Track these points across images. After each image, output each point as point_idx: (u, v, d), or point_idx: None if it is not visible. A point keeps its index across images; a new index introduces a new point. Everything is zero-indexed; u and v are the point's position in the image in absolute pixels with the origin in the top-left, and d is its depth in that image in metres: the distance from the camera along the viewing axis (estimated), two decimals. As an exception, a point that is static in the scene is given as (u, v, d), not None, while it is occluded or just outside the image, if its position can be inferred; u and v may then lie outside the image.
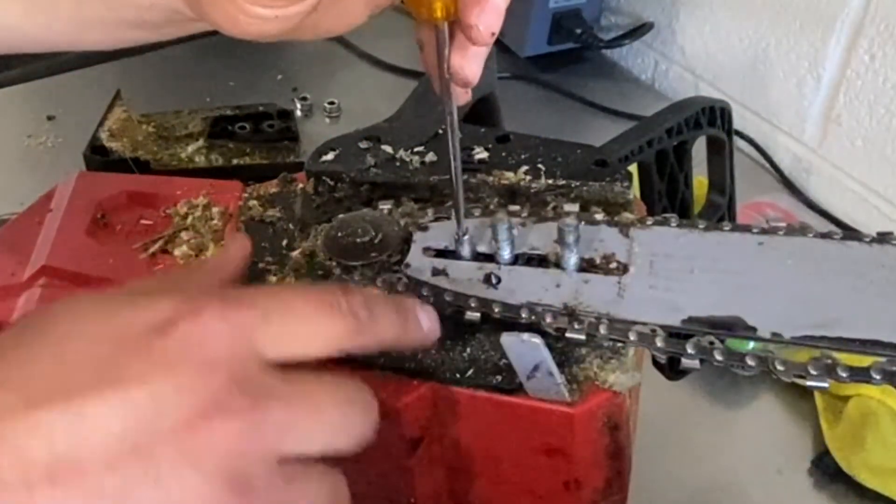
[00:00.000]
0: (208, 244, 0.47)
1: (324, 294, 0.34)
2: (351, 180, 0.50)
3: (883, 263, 0.38)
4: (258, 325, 0.32)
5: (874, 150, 0.83)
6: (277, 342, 0.32)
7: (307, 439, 0.32)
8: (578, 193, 0.48)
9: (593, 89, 1.01)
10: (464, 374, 0.40)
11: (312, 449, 0.32)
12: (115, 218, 0.50)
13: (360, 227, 0.46)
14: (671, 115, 0.56)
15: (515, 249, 0.43)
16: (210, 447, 0.30)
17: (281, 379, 0.32)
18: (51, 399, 0.29)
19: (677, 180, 0.58)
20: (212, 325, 0.31)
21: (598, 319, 0.39)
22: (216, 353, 0.31)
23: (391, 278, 0.43)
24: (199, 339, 0.31)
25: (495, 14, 0.36)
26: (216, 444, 0.30)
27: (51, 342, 0.32)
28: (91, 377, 0.30)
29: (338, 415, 0.33)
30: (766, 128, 0.93)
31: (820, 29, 0.84)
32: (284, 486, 0.31)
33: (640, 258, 0.41)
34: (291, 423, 0.31)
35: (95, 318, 0.32)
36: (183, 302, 0.32)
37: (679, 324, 0.38)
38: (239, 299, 0.33)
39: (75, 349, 0.31)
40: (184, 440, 0.29)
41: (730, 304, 0.38)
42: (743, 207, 0.78)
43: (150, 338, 0.31)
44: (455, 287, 0.42)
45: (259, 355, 0.32)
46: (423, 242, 0.45)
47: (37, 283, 0.47)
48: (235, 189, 0.51)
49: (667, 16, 1.03)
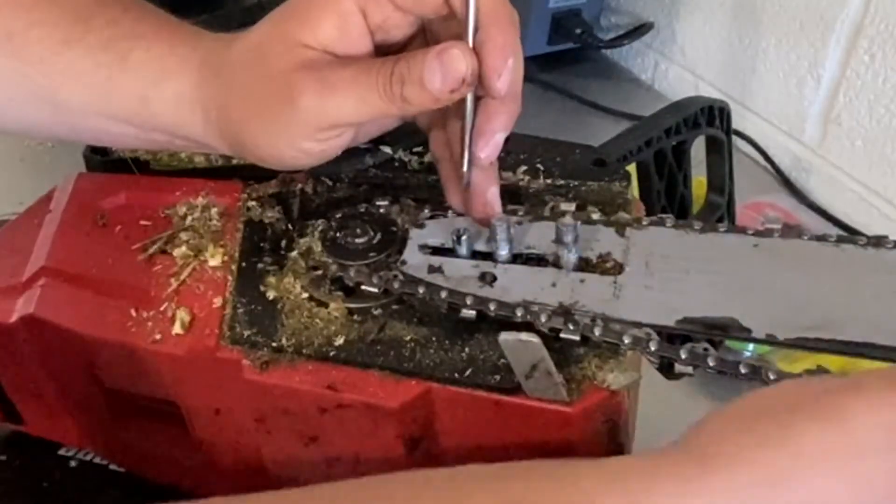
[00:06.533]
0: (207, 245, 0.47)
1: None
2: (350, 180, 0.50)
3: (878, 267, 0.38)
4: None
5: (874, 150, 0.82)
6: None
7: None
8: (577, 193, 0.48)
9: (593, 89, 1.01)
10: (462, 373, 0.40)
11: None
12: (114, 219, 0.50)
13: (358, 226, 0.46)
14: (670, 115, 0.56)
15: (513, 249, 0.43)
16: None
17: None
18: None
19: (676, 180, 0.58)
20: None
21: (594, 319, 0.39)
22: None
23: (387, 276, 0.43)
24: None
25: (496, 148, 0.42)
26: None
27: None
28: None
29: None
30: (766, 128, 0.93)
31: (820, 29, 0.84)
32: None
33: (636, 258, 0.41)
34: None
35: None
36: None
37: (674, 324, 0.38)
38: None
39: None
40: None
41: (725, 306, 0.38)
42: (743, 207, 0.78)
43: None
44: (450, 285, 0.42)
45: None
46: (419, 240, 0.45)
47: (36, 284, 0.47)
48: (235, 189, 0.51)
49: (667, 16, 1.03)
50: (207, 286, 0.46)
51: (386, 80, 0.39)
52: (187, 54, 0.43)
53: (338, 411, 0.41)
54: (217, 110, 0.43)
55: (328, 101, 0.40)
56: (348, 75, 0.40)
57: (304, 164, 0.45)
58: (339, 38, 0.40)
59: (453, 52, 0.38)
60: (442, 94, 0.39)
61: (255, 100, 0.41)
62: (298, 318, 0.43)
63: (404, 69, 0.39)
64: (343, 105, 0.40)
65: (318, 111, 0.40)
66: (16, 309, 0.47)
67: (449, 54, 0.38)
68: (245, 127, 0.42)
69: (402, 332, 0.42)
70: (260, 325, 0.43)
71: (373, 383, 0.41)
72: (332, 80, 0.40)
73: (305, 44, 0.40)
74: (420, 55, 0.39)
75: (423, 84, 0.39)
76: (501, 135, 0.42)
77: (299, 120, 0.40)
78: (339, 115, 0.40)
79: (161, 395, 0.47)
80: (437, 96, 0.39)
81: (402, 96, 0.39)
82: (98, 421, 0.52)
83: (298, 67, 0.40)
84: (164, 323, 0.44)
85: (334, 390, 0.41)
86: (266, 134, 0.42)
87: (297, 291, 0.44)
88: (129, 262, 0.47)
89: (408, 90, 0.39)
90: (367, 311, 0.44)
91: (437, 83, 0.39)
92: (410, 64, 0.39)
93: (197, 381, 0.45)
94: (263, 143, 0.42)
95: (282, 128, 0.41)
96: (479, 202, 0.44)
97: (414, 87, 0.39)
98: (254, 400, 0.43)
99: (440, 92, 0.39)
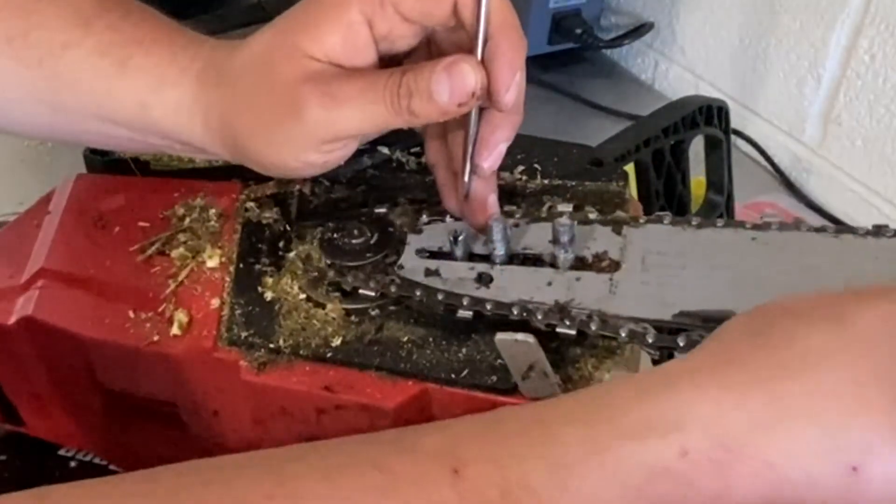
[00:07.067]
0: (205, 246, 0.47)
1: None
2: (348, 181, 0.51)
3: (877, 256, 0.38)
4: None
5: (874, 150, 0.82)
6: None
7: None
8: (574, 193, 0.48)
9: (593, 89, 1.01)
10: (459, 374, 0.40)
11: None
12: (112, 220, 0.50)
13: (355, 228, 0.46)
14: (668, 115, 0.56)
15: (510, 250, 0.43)
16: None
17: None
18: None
19: (674, 180, 0.58)
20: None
21: (590, 316, 0.39)
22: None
23: (384, 279, 0.43)
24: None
25: (498, 158, 0.43)
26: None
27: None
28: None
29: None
30: (766, 127, 0.93)
31: (820, 29, 0.84)
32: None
33: (632, 255, 0.41)
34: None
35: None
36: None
37: (670, 318, 0.38)
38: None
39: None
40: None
41: (722, 299, 0.38)
42: (742, 207, 0.78)
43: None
44: (447, 287, 0.42)
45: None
46: (417, 244, 0.45)
47: (34, 286, 0.47)
48: (233, 190, 0.51)
49: (667, 16, 1.02)
50: (205, 287, 0.46)
51: (393, 93, 0.39)
52: (187, 62, 0.43)
53: (335, 412, 0.41)
54: (218, 118, 0.43)
55: (334, 113, 0.39)
56: (355, 88, 0.39)
57: (307, 174, 0.45)
58: (345, 49, 0.40)
59: (463, 65, 0.38)
60: (450, 108, 0.39)
61: (259, 110, 0.41)
62: (296, 319, 0.43)
63: (411, 82, 0.38)
64: (349, 118, 0.39)
65: (324, 124, 0.40)
66: (14, 310, 0.47)
67: (458, 67, 0.38)
68: (248, 136, 0.42)
69: (399, 333, 0.42)
70: (257, 326, 0.43)
71: (370, 384, 0.41)
72: (338, 93, 0.39)
73: (311, 55, 0.40)
74: (427, 68, 0.39)
75: (430, 97, 0.38)
76: (504, 145, 0.42)
77: (304, 132, 0.40)
78: (345, 127, 0.40)
79: (159, 395, 0.47)
80: (444, 109, 0.39)
81: (409, 109, 0.39)
82: (97, 422, 0.52)
83: (304, 79, 0.39)
84: (161, 324, 0.45)
85: (331, 391, 0.41)
86: (270, 144, 0.42)
87: (295, 292, 0.45)
88: (127, 263, 0.48)
89: (415, 103, 0.39)
90: (365, 311, 0.44)
91: (444, 96, 0.38)
92: (418, 77, 0.38)
93: (195, 382, 0.45)
94: (266, 153, 0.42)
95: (286, 139, 0.41)
96: (478, 209, 0.44)
97: (421, 100, 0.38)
98: (251, 401, 0.43)
99: (448, 105, 0.39)
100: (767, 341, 0.31)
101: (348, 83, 0.39)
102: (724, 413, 0.29)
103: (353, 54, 0.40)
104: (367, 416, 0.41)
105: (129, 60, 0.43)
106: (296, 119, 0.40)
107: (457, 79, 0.38)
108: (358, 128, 0.40)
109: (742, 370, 0.30)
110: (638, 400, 0.30)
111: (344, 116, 0.39)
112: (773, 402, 0.29)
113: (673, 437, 0.29)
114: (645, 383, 0.31)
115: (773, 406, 0.29)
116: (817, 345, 0.30)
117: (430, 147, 0.46)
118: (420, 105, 0.39)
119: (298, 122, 0.40)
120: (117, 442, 0.53)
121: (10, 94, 0.46)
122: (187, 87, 0.43)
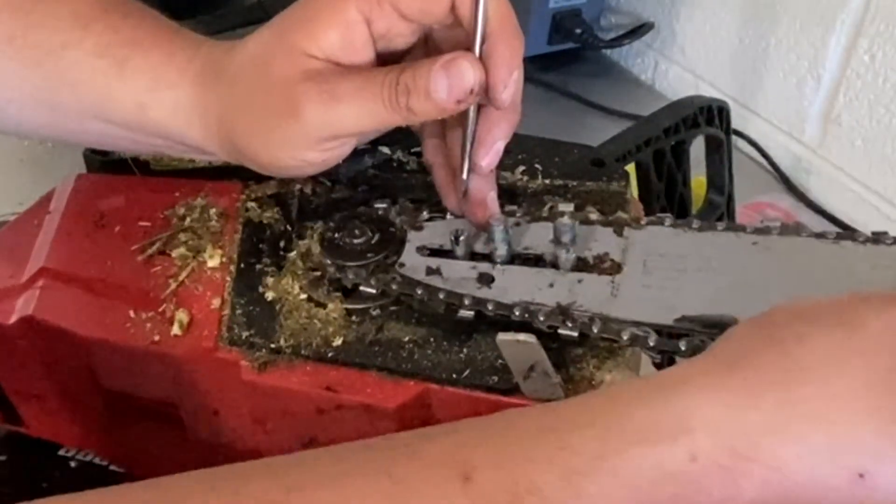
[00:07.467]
0: (206, 246, 0.47)
1: None
2: (348, 181, 0.50)
3: (877, 263, 0.38)
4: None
5: (874, 150, 0.82)
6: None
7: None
8: (575, 193, 0.48)
9: (593, 89, 1.01)
10: (460, 374, 0.40)
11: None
12: (113, 220, 0.50)
13: (356, 228, 0.46)
14: (668, 115, 0.56)
15: (511, 250, 0.43)
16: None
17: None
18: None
19: (675, 180, 0.58)
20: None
21: (591, 319, 0.39)
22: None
23: (385, 278, 0.43)
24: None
25: (496, 156, 0.43)
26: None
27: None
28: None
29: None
30: (766, 128, 0.93)
31: (820, 29, 0.84)
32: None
33: (634, 258, 0.41)
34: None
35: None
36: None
37: (672, 323, 0.38)
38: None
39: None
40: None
41: (723, 304, 0.38)
42: (743, 208, 0.78)
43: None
44: (448, 286, 0.42)
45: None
46: (417, 241, 0.45)
47: (35, 285, 0.47)
48: (234, 190, 0.51)
49: (667, 16, 1.03)
50: (206, 287, 0.46)
51: (391, 91, 0.39)
52: (185, 62, 0.43)
53: (336, 412, 0.41)
54: (216, 119, 0.43)
55: (333, 112, 0.39)
56: (353, 86, 0.39)
57: (306, 173, 0.45)
58: (343, 47, 0.40)
59: (461, 63, 0.38)
60: (448, 105, 0.39)
61: (257, 109, 0.41)
62: (297, 318, 0.43)
63: (410, 80, 0.38)
64: (347, 116, 0.39)
65: (323, 122, 0.40)
66: (15, 310, 0.47)
67: (456, 65, 0.38)
68: (246, 136, 0.42)
69: (401, 332, 0.42)
70: (258, 326, 0.43)
71: (371, 384, 0.41)
72: (336, 91, 0.39)
73: (309, 53, 0.40)
74: (426, 65, 0.38)
75: (428, 95, 0.38)
76: (502, 143, 0.42)
77: (303, 131, 0.40)
78: (344, 125, 0.40)
79: (160, 395, 0.47)
80: (442, 107, 0.39)
81: (407, 107, 0.39)
82: (97, 422, 0.52)
83: (302, 78, 0.39)
84: (162, 324, 0.45)
85: (332, 391, 0.41)
86: (268, 143, 0.42)
87: (296, 292, 0.44)
88: (127, 263, 0.48)
89: (413, 101, 0.38)
90: (366, 311, 0.44)
91: (443, 94, 0.38)
92: (416, 74, 0.38)
93: (195, 382, 0.45)
94: (265, 152, 0.42)
95: (285, 138, 0.41)
96: (477, 207, 0.44)
97: (419, 98, 0.38)
98: (252, 401, 0.43)
99: (446, 102, 0.39)
100: (777, 345, 0.30)
101: (346, 81, 0.39)
102: (734, 416, 0.29)
103: (351, 52, 0.40)
104: (368, 417, 0.41)
105: (128, 61, 0.43)
106: (294, 117, 0.40)
107: (455, 76, 0.38)
108: (356, 126, 0.40)
109: (752, 374, 0.30)
110: (647, 404, 0.30)
111: (342, 114, 0.39)
112: (783, 406, 0.29)
113: (682, 441, 0.29)
114: (654, 386, 0.31)
115: (783, 410, 0.29)
116: (828, 349, 0.30)
117: (428, 146, 0.46)
118: (418, 102, 0.39)
119: (297, 121, 0.40)
120: (117, 442, 0.53)
121: (9, 94, 0.46)
122: (185, 88, 0.43)
